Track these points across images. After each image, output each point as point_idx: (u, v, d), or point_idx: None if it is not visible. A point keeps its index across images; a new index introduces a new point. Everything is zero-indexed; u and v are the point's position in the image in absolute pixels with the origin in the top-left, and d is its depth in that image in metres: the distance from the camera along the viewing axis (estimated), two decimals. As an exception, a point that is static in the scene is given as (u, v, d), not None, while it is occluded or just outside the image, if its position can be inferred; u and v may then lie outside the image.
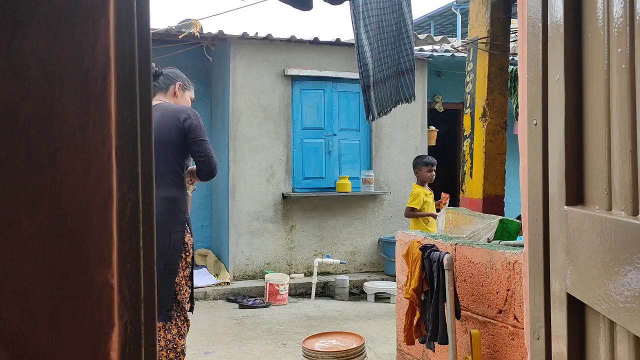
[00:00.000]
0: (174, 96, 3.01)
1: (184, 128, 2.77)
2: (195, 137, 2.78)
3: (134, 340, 0.69)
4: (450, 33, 15.09)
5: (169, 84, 3.02)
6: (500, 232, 3.22)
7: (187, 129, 2.77)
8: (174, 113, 2.81)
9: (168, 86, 3.02)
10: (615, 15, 0.88)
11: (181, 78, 3.07)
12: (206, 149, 2.80)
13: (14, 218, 0.64)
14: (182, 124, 2.77)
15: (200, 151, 2.79)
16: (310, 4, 3.47)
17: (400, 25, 4.30)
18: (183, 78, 3.08)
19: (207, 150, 2.80)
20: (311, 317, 5.35)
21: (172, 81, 3.03)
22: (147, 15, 0.72)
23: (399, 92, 4.36)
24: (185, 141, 2.78)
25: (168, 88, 3.01)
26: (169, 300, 2.69)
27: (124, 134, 0.69)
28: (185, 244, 2.79)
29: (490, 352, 2.73)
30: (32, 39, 0.65)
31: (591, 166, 0.99)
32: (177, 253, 2.73)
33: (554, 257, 1.11)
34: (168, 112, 2.81)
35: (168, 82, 3.02)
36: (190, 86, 3.11)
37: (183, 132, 2.77)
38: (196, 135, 2.78)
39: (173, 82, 3.03)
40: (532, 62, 1.18)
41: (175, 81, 3.03)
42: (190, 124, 2.78)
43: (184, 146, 2.80)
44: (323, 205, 6.76)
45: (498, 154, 4.37)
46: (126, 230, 0.69)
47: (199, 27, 5.77)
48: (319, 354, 3.23)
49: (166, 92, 3.01)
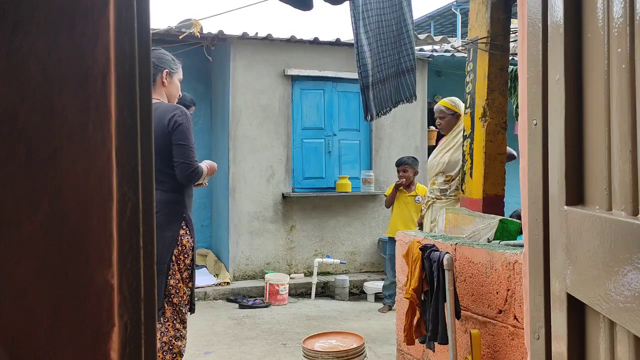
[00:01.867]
0: (162, 86, 2.83)
1: (169, 130, 2.68)
2: (176, 140, 2.68)
3: (134, 340, 0.69)
4: (450, 33, 15.09)
5: (155, 73, 2.79)
6: (500, 232, 3.21)
7: (172, 130, 2.68)
8: (164, 113, 2.70)
9: (154, 77, 2.79)
10: (615, 15, 0.88)
11: (166, 62, 2.84)
12: (184, 154, 2.69)
13: (14, 218, 0.64)
14: (167, 126, 2.67)
15: (176, 155, 2.69)
16: (310, 4, 3.47)
17: (400, 24, 4.30)
18: (168, 61, 2.85)
19: (185, 156, 2.69)
20: (311, 317, 5.35)
21: (158, 70, 2.80)
22: (147, 15, 0.72)
23: (399, 92, 4.35)
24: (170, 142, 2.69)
25: (155, 79, 2.80)
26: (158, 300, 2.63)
27: (124, 134, 0.69)
28: (183, 246, 2.72)
29: (490, 352, 2.73)
30: (32, 38, 0.65)
31: (591, 166, 0.99)
32: (167, 252, 2.67)
33: (554, 257, 1.11)
34: (158, 113, 2.67)
35: (153, 72, 2.77)
36: (176, 67, 2.89)
37: (169, 134, 2.68)
38: (178, 137, 2.68)
39: (159, 70, 2.81)
40: (532, 62, 1.18)
41: (161, 69, 2.81)
42: (175, 124, 2.68)
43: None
44: (323, 205, 6.76)
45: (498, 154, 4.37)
46: (126, 230, 0.69)
47: (199, 27, 5.77)
48: (319, 354, 3.23)
49: (154, 84, 2.78)
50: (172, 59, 2.88)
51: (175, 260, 2.71)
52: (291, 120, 6.65)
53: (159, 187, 2.65)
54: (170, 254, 2.69)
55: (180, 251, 2.72)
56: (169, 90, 2.87)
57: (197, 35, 5.72)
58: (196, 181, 2.79)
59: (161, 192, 2.67)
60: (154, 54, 2.81)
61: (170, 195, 2.71)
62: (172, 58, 2.89)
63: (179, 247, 2.72)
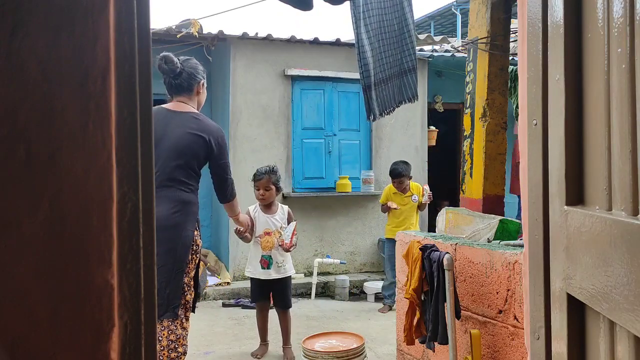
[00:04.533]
0: (197, 95, 2.97)
1: (212, 149, 2.88)
2: (219, 159, 2.93)
3: (134, 340, 0.69)
4: (450, 33, 15.08)
5: (193, 83, 2.93)
6: (500, 232, 3.22)
7: (218, 151, 2.90)
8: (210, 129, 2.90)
9: (192, 86, 2.93)
10: (615, 15, 0.88)
11: (201, 73, 2.98)
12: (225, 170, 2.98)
13: (14, 218, 0.64)
14: (211, 146, 2.88)
15: (217, 172, 2.97)
16: (310, 4, 3.47)
17: (402, 24, 4.30)
18: (202, 71, 2.99)
19: (224, 172, 2.98)
20: (311, 317, 5.35)
21: (195, 80, 2.93)
22: (147, 15, 0.72)
23: (402, 92, 4.35)
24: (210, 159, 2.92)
25: (192, 89, 2.93)
26: (176, 298, 2.70)
27: (124, 134, 0.69)
28: (197, 245, 2.84)
29: (490, 352, 2.73)
30: (32, 38, 0.65)
31: (591, 166, 0.99)
32: (187, 251, 2.76)
33: (554, 257, 1.11)
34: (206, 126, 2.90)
35: (192, 82, 2.92)
36: (205, 76, 3.05)
37: (210, 151, 2.88)
38: (221, 157, 2.93)
39: (196, 80, 2.94)
40: (532, 62, 1.18)
41: (198, 80, 2.95)
42: (219, 145, 2.91)
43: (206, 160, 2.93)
44: (323, 206, 6.76)
45: (498, 154, 4.37)
46: (126, 230, 0.69)
47: (198, 27, 5.78)
48: (319, 354, 3.23)
49: (191, 94, 2.94)
50: (203, 69, 3.04)
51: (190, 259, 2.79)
52: (291, 120, 6.65)
53: (183, 187, 2.82)
54: (190, 253, 2.78)
55: (194, 251, 2.82)
56: (201, 99, 3.03)
57: (197, 35, 5.72)
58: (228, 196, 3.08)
59: (185, 193, 2.82)
60: (189, 64, 2.96)
61: (191, 196, 2.86)
62: (203, 68, 3.04)
63: (193, 246, 2.81)
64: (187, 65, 2.90)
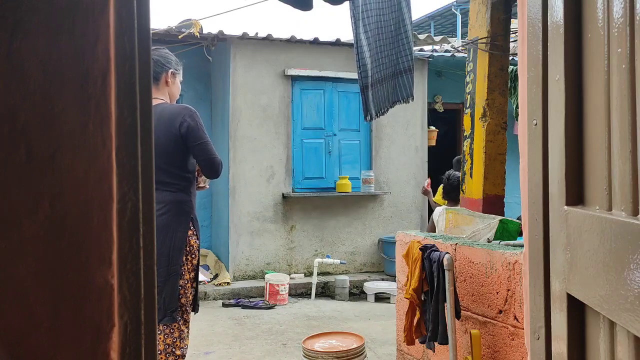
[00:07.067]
0: (166, 85, 2.81)
1: (182, 134, 2.67)
2: (194, 141, 2.68)
3: (134, 341, 0.69)
4: (450, 33, 15.08)
5: (160, 72, 2.77)
6: (500, 232, 3.21)
7: (185, 134, 2.67)
8: (171, 117, 2.68)
9: (159, 75, 2.77)
10: (615, 15, 0.88)
11: (171, 62, 2.82)
12: (206, 150, 2.71)
13: (14, 218, 0.64)
14: (179, 130, 2.66)
15: (200, 154, 2.71)
16: (310, 4, 3.47)
17: (399, 25, 4.30)
18: (172, 61, 2.83)
19: (208, 153, 2.71)
20: (311, 317, 5.35)
21: (163, 69, 2.78)
22: (147, 15, 0.72)
23: (396, 92, 4.35)
24: (186, 145, 2.70)
25: (159, 78, 2.78)
26: (173, 302, 2.64)
27: (124, 134, 0.69)
28: (191, 246, 2.73)
29: (490, 352, 2.73)
30: (32, 39, 0.65)
31: (591, 166, 0.99)
32: (180, 253, 2.68)
33: (554, 257, 1.11)
34: (165, 116, 2.67)
35: (158, 71, 2.77)
36: (179, 68, 2.87)
37: (182, 138, 2.67)
38: (195, 138, 2.68)
39: (164, 69, 2.79)
40: (532, 62, 1.18)
41: (166, 68, 2.78)
42: (187, 127, 2.67)
43: (186, 149, 2.71)
44: (323, 206, 6.76)
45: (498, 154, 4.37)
46: (126, 230, 0.69)
47: (199, 27, 5.77)
48: (319, 354, 3.23)
49: (158, 83, 2.77)
50: (175, 59, 2.87)
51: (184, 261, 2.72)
52: (291, 120, 6.65)
53: (168, 188, 2.67)
54: (183, 255, 2.70)
55: (188, 252, 2.73)
56: (172, 90, 2.85)
57: (197, 35, 5.72)
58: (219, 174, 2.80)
59: (170, 193, 2.69)
60: (159, 52, 2.81)
61: (179, 195, 2.72)
62: (176, 58, 2.88)
63: (187, 247, 2.73)
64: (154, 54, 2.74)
